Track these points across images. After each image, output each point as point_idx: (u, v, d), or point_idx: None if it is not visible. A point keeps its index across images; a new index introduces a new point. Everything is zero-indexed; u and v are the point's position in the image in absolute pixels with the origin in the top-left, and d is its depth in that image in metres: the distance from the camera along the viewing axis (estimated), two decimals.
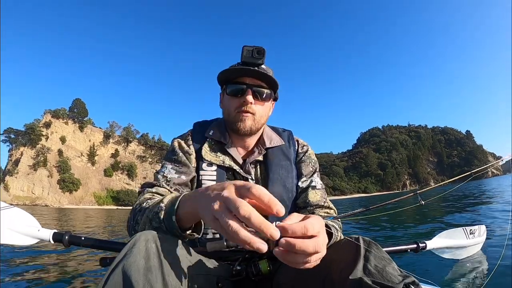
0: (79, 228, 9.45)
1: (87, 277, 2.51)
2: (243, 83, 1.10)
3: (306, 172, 1.24)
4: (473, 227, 2.28)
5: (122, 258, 0.63)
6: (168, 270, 0.64)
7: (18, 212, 1.64)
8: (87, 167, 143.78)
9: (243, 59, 1.06)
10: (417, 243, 1.83)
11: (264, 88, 1.12)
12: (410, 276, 0.67)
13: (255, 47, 1.05)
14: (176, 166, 1.13)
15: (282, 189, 1.16)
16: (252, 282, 0.98)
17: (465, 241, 2.23)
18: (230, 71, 1.11)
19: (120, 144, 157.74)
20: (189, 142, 1.20)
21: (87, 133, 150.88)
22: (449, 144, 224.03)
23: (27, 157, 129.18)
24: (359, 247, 0.74)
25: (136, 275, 0.60)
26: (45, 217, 15.58)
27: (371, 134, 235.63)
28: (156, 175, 1.12)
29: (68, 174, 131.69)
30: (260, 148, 1.21)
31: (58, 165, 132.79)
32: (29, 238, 1.57)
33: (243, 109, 1.11)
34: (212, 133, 1.20)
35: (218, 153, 1.18)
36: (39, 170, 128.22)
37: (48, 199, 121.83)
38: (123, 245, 0.84)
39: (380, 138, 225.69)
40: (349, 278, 0.68)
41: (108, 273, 0.62)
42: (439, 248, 2.11)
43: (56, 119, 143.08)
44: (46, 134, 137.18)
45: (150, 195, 1.00)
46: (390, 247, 1.69)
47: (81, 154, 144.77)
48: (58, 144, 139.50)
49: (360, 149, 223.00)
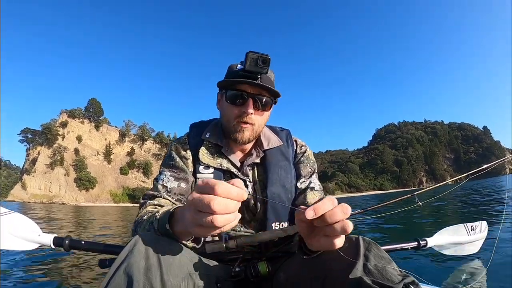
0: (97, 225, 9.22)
1: (87, 278, 2.54)
2: (244, 90, 1.04)
3: (305, 173, 1.20)
4: (474, 224, 2.25)
5: (124, 259, 0.64)
6: (167, 269, 0.64)
7: (19, 218, 1.63)
8: (103, 166, 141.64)
9: (247, 67, 0.98)
10: (418, 241, 1.79)
11: (265, 96, 1.06)
12: (409, 276, 0.66)
13: (260, 55, 0.96)
14: (174, 172, 1.10)
15: (282, 189, 1.12)
16: (252, 283, 0.97)
17: (466, 238, 2.19)
18: (233, 80, 1.04)
19: (136, 142, 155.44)
20: (186, 146, 1.16)
21: (103, 132, 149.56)
22: (466, 140, 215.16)
23: (44, 156, 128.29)
24: (358, 247, 0.73)
25: (137, 274, 0.60)
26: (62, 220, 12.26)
27: (387, 131, 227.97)
28: (156, 185, 1.09)
29: (85, 172, 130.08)
30: (258, 150, 1.17)
31: (75, 164, 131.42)
32: (29, 243, 1.57)
33: (242, 120, 1.05)
34: (209, 136, 1.16)
35: (215, 156, 1.14)
36: (56, 169, 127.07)
37: (65, 197, 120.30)
38: (122, 247, 0.83)
39: (396, 134, 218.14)
40: (349, 278, 0.67)
41: (110, 273, 0.63)
42: (440, 245, 2.07)
43: (72, 119, 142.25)
44: (62, 133, 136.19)
45: (152, 208, 0.98)
46: (391, 246, 1.65)
47: (97, 152, 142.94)
48: (74, 143, 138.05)
49: (376, 146, 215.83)
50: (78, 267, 2.96)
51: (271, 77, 1.09)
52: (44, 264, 3.14)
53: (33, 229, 1.62)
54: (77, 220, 11.25)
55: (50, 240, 1.51)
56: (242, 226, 1.12)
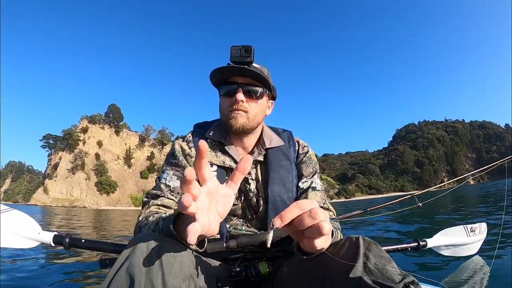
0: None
1: (88, 278, 2.53)
2: (234, 82, 1.06)
3: (307, 173, 1.19)
4: (473, 225, 2.24)
5: (125, 259, 0.63)
6: (168, 269, 0.63)
7: (19, 215, 1.59)
8: (123, 170, 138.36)
9: (232, 59, 1.02)
10: (418, 241, 1.78)
11: (257, 87, 1.07)
12: (409, 276, 0.64)
13: (242, 46, 1.00)
14: (177, 171, 1.10)
15: (282, 189, 1.11)
16: (252, 283, 0.95)
17: (466, 239, 2.19)
18: (217, 71, 1.05)
19: (156, 146, 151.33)
20: (191, 143, 1.16)
21: (123, 137, 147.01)
22: (487, 139, 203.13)
23: (66, 161, 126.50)
24: (358, 247, 0.71)
25: (139, 274, 0.59)
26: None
27: (407, 131, 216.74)
28: (159, 184, 1.08)
29: (105, 176, 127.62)
30: (260, 148, 1.17)
31: (96, 168, 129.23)
32: (30, 241, 1.52)
33: (234, 107, 1.06)
34: (212, 134, 1.16)
35: (219, 153, 1.13)
36: (77, 173, 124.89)
37: (86, 201, 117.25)
38: (122, 246, 0.77)
39: (416, 134, 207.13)
40: (349, 277, 0.65)
41: (112, 273, 0.62)
42: (439, 246, 2.07)
43: (92, 124, 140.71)
44: (83, 139, 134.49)
45: (155, 208, 0.98)
46: (391, 246, 1.64)
47: (117, 157, 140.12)
48: (95, 148, 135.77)
49: (396, 146, 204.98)
50: (78, 266, 2.95)
51: (264, 71, 1.09)
52: (44, 262, 3.09)
53: (33, 226, 1.56)
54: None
55: (50, 238, 1.46)
56: (244, 225, 1.12)
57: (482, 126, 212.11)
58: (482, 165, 1.81)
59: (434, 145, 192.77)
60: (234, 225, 1.12)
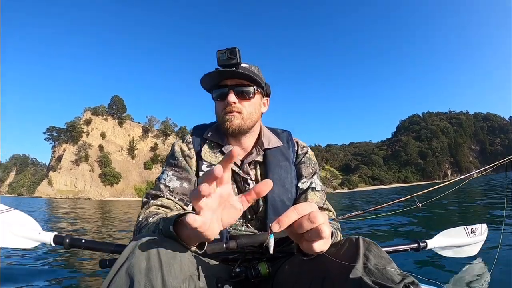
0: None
1: (87, 279, 2.51)
2: (225, 85, 1.07)
3: (306, 173, 1.18)
4: (474, 226, 2.22)
5: (125, 260, 0.63)
6: (168, 270, 0.62)
7: (19, 215, 1.57)
8: (127, 161, 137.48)
9: (219, 63, 1.02)
10: (418, 242, 1.78)
11: (248, 86, 1.07)
12: (409, 276, 0.64)
13: (227, 48, 1.00)
14: (176, 172, 1.09)
15: (282, 189, 1.11)
16: (252, 284, 0.95)
17: (466, 240, 2.17)
18: (206, 77, 1.06)
19: (159, 137, 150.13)
20: (190, 145, 1.16)
21: (126, 128, 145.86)
22: (491, 131, 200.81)
23: (69, 153, 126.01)
24: (358, 247, 0.71)
25: (138, 275, 0.59)
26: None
27: (411, 122, 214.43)
28: (158, 184, 1.07)
29: (109, 168, 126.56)
30: (258, 149, 1.16)
31: (99, 160, 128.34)
32: (30, 241, 1.51)
33: (227, 110, 1.06)
34: (211, 135, 1.16)
35: (217, 154, 1.13)
36: (81, 165, 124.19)
37: (90, 192, 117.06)
38: (122, 247, 0.80)
39: (420, 125, 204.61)
40: (349, 278, 0.65)
41: (112, 274, 0.61)
42: (440, 247, 2.06)
43: (95, 116, 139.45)
44: (86, 130, 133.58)
45: (155, 209, 0.98)
46: (391, 247, 1.64)
47: (121, 148, 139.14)
48: (98, 139, 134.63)
49: (400, 137, 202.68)
50: (78, 266, 2.93)
51: (254, 70, 1.10)
52: (44, 263, 3.08)
53: (33, 227, 1.54)
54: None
55: (51, 238, 1.45)
56: (243, 225, 1.12)
57: (486, 118, 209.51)
58: (486, 157, 1.75)
59: (438, 136, 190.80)
60: (234, 226, 1.11)
